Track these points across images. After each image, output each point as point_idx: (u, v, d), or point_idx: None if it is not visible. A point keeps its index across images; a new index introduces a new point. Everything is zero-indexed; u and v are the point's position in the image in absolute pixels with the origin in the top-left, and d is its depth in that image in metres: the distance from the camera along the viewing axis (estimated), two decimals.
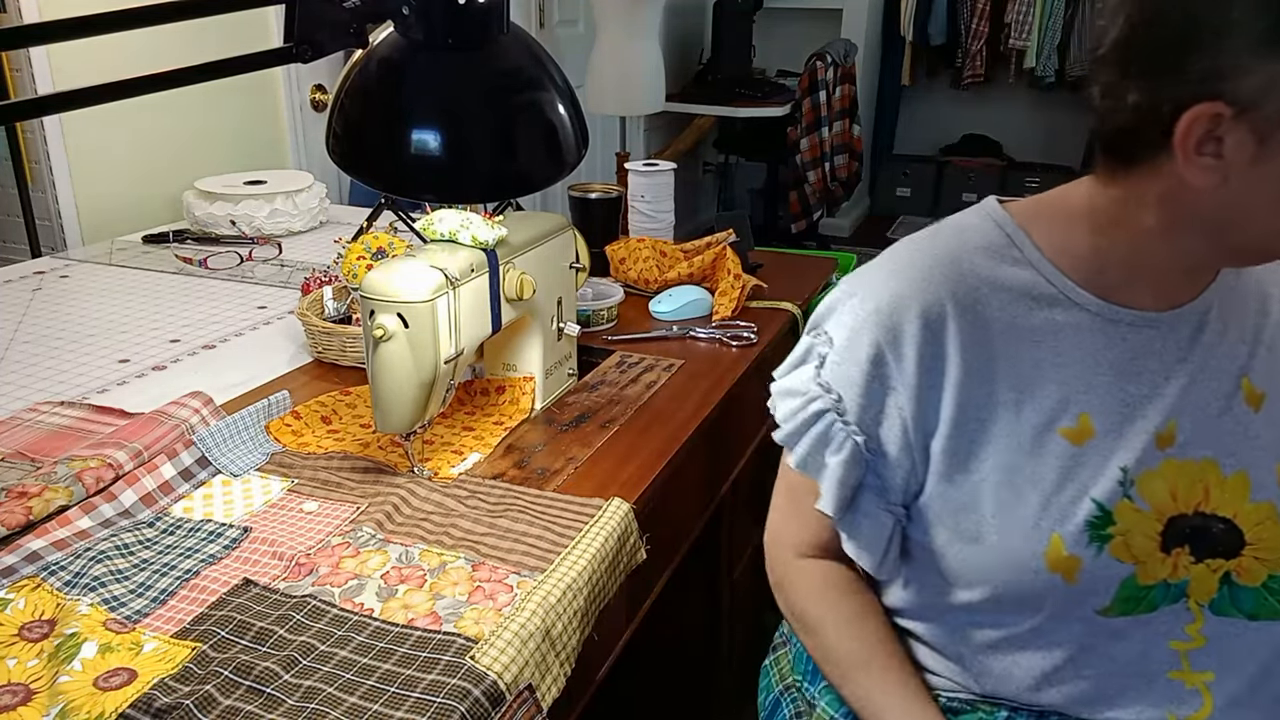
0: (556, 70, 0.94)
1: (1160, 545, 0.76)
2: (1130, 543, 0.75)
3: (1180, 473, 0.77)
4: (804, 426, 0.83)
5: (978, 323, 0.78)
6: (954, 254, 0.81)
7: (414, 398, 0.92)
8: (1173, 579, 0.76)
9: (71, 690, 0.68)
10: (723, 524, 1.39)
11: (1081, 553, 0.75)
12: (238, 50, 0.77)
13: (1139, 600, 0.77)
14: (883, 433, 0.80)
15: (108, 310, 1.46)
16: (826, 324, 0.84)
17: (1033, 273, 0.79)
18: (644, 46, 3.05)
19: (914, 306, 0.78)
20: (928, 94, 5.30)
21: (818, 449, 0.82)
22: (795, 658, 0.99)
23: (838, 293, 0.85)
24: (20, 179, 1.84)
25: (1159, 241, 0.75)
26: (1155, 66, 0.67)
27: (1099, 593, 0.76)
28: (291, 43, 0.78)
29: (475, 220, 0.98)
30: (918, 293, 0.79)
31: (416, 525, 0.89)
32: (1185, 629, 0.78)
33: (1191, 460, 0.77)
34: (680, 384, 1.21)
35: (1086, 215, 0.78)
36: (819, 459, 0.82)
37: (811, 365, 0.83)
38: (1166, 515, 0.76)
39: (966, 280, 0.79)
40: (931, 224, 0.86)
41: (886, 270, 0.82)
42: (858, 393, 0.80)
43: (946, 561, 0.81)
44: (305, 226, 1.92)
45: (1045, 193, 0.84)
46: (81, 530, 0.87)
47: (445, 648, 0.73)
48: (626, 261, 1.53)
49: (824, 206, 4.34)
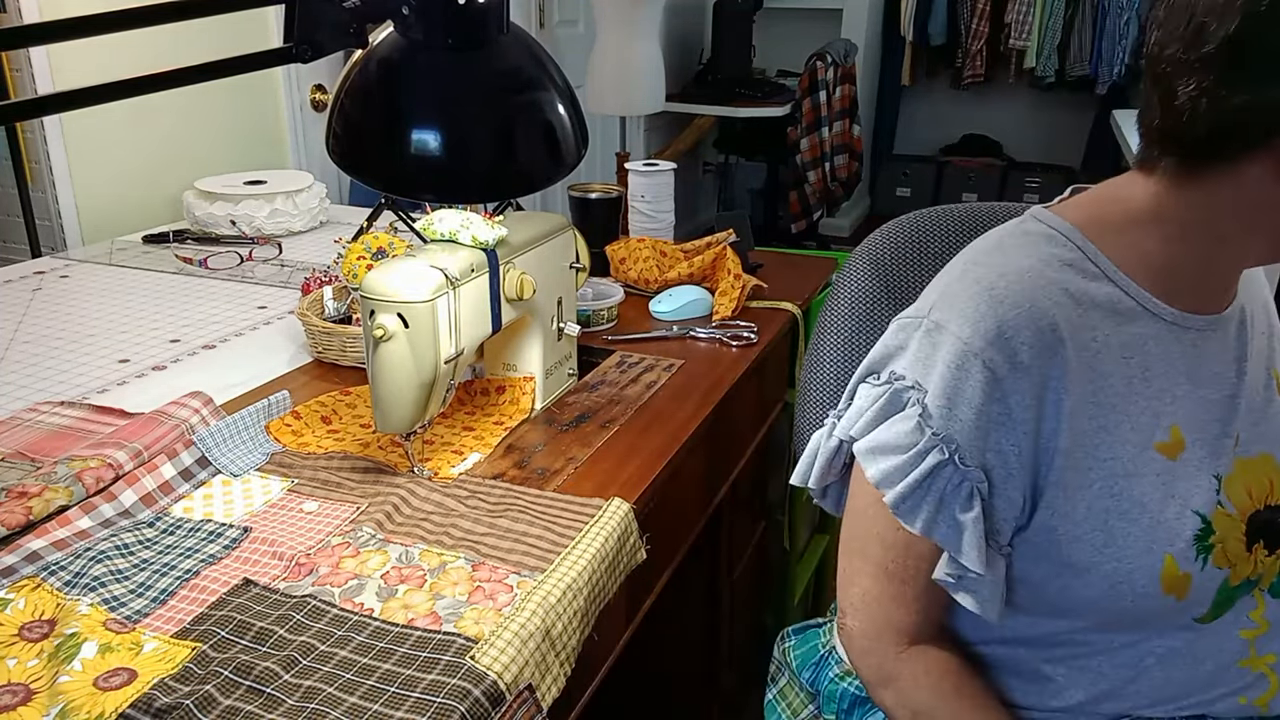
0: (556, 70, 0.94)
1: (1245, 545, 0.76)
2: (1227, 549, 0.75)
3: (1249, 470, 0.77)
4: (922, 486, 0.73)
5: (1081, 343, 0.73)
6: (1041, 271, 0.75)
7: (414, 398, 0.92)
8: (1253, 575, 0.77)
9: (71, 690, 0.68)
10: (723, 524, 1.39)
11: (1190, 568, 0.74)
12: (237, 50, 0.77)
13: (1227, 601, 0.77)
14: (995, 473, 0.73)
15: (108, 310, 1.46)
16: (896, 365, 0.77)
17: (1112, 287, 0.76)
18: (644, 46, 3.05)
19: (1026, 332, 0.72)
20: (928, 94, 5.30)
21: (946, 509, 0.73)
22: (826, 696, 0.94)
23: (900, 331, 0.78)
24: (20, 179, 1.84)
25: (1233, 246, 0.73)
26: (1276, 69, 0.64)
27: (1202, 602, 0.76)
28: (291, 43, 0.78)
29: (475, 220, 0.98)
30: (1027, 317, 0.72)
31: (416, 525, 0.89)
32: (1249, 615, 0.78)
33: (1252, 457, 0.78)
34: (680, 384, 1.21)
35: (1155, 221, 0.75)
36: (947, 520, 0.73)
37: (911, 414, 0.74)
38: (1247, 514, 0.76)
39: (1065, 298, 0.74)
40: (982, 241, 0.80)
41: (974, 295, 0.74)
42: (974, 435, 0.72)
43: (1047, 593, 0.77)
44: (305, 226, 1.92)
45: (1093, 194, 0.80)
46: (81, 530, 0.87)
47: (445, 648, 0.73)
48: (626, 261, 1.53)
49: (824, 206, 4.35)
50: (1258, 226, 0.71)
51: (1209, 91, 0.66)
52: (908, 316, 0.79)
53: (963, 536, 0.73)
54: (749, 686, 1.67)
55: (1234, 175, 0.69)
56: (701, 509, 1.25)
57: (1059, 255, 0.76)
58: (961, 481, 0.73)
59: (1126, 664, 0.78)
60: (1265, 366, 0.80)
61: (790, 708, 0.99)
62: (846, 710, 0.91)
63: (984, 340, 0.72)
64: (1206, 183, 0.71)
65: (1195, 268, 0.75)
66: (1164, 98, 0.69)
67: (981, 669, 0.84)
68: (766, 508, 1.65)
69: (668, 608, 1.14)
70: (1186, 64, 0.67)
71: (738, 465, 1.37)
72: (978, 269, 0.77)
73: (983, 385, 0.72)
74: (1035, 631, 0.80)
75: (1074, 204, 0.80)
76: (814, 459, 0.86)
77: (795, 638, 1.03)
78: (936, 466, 0.73)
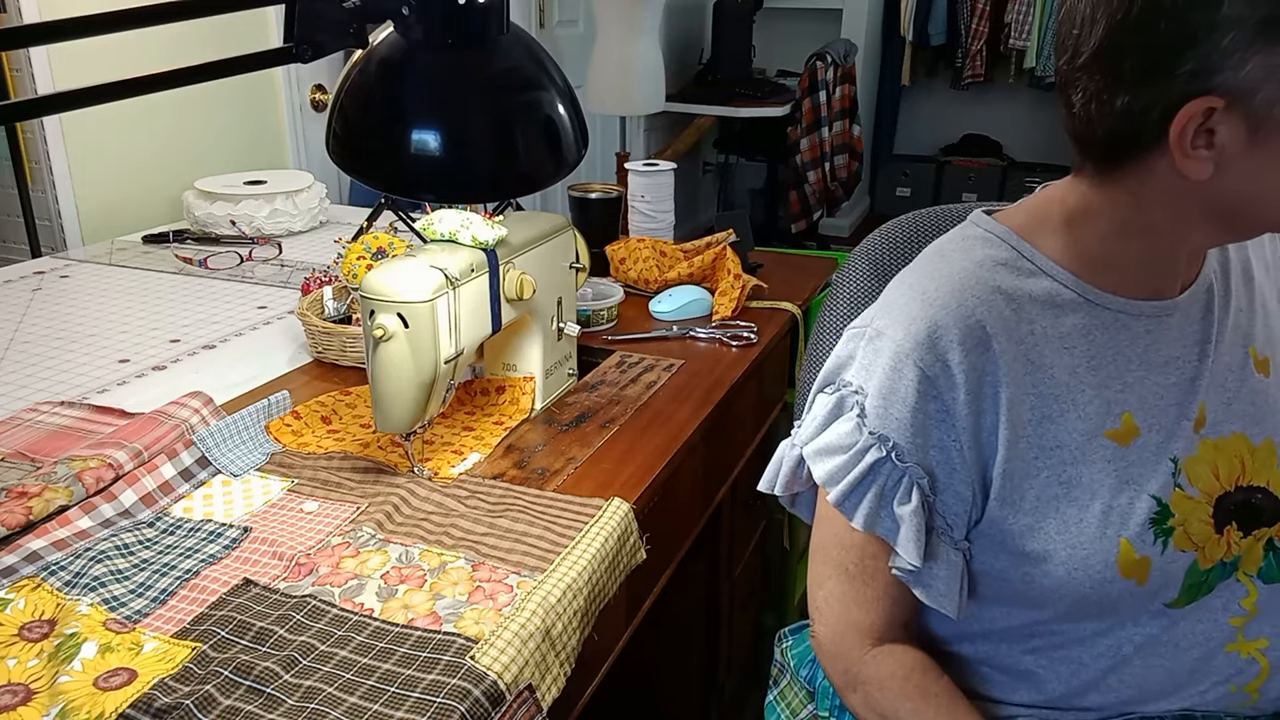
0: (556, 70, 0.94)
1: (1214, 527, 0.77)
2: (1189, 531, 0.76)
3: (1217, 452, 0.78)
4: (862, 483, 0.76)
5: (1015, 338, 0.76)
6: (973, 272, 0.79)
7: (414, 398, 0.92)
8: (1227, 558, 0.77)
9: (71, 690, 0.68)
10: (723, 524, 1.39)
11: (1149, 551, 0.75)
12: (237, 50, 0.77)
13: (1201, 585, 0.77)
14: (939, 470, 0.76)
15: (108, 310, 1.46)
16: (846, 374, 0.80)
17: (1050, 281, 0.78)
18: (644, 46, 3.05)
19: (953, 331, 0.75)
20: (928, 94, 5.30)
21: (883, 504, 0.76)
22: (821, 692, 0.95)
23: (849, 341, 0.81)
24: (20, 179, 1.84)
25: (1169, 235, 0.75)
26: (1145, 70, 0.67)
27: (1169, 586, 0.76)
28: (291, 43, 0.78)
29: (475, 220, 0.98)
30: (954, 317, 0.76)
31: (416, 525, 0.89)
32: (1240, 603, 0.78)
33: (1224, 437, 0.78)
34: (680, 384, 1.21)
35: (1089, 219, 0.77)
36: (888, 514, 0.76)
37: (850, 416, 0.78)
38: (1214, 496, 0.77)
39: (995, 297, 0.77)
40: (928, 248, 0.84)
41: (908, 301, 0.78)
42: (910, 433, 0.75)
43: (1011, 585, 0.78)
44: (305, 226, 1.92)
45: (1035, 198, 0.84)
46: (81, 530, 0.87)
47: (445, 648, 0.73)
48: (626, 261, 1.53)
49: (824, 206, 4.35)
50: (1185, 215, 0.73)
51: (1095, 97, 0.70)
52: (856, 326, 0.83)
53: (900, 530, 0.75)
54: (749, 686, 1.67)
55: (1146, 170, 0.72)
56: (701, 509, 1.25)
57: (993, 256, 0.80)
58: (901, 477, 0.75)
59: (1104, 653, 0.79)
60: (1243, 345, 0.81)
61: (790, 708, 0.99)
62: (840, 706, 0.92)
63: (914, 342, 0.76)
64: (1126, 179, 0.73)
65: (1137, 259, 0.77)
66: (1066, 105, 0.74)
67: (963, 666, 0.85)
68: (766, 508, 1.65)
69: (668, 608, 1.14)
70: (1073, 73, 0.71)
71: (738, 465, 1.37)
72: (914, 275, 0.81)
73: (916, 385, 0.75)
74: (1010, 623, 0.81)
75: (1016, 208, 0.84)
76: (779, 466, 0.88)
77: (793, 637, 1.03)
78: (875, 464, 0.76)
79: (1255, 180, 0.69)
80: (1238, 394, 0.79)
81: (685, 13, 4.57)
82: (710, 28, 4.43)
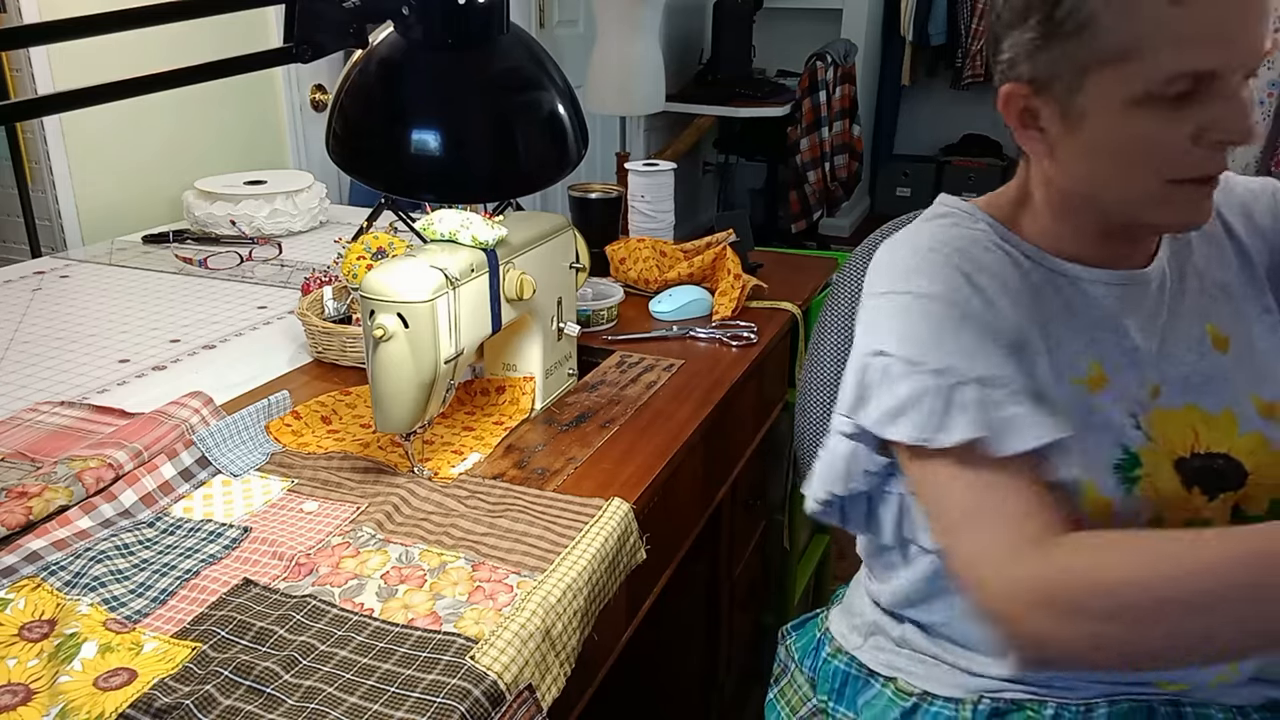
0: (556, 70, 0.94)
1: (1183, 485, 0.77)
2: (1157, 483, 0.76)
3: (1171, 421, 0.79)
4: (945, 402, 0.73)
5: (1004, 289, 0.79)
6: (945, 231, 0.83)
7: (414, 398, 0.92)
8: (1195, 520, 0.77)
9: (71, 690, 0.68)
10: (723, 524, 1.39)
11: (1112, 495, 0.75)
12: (237, 50, 0.77)
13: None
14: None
15: (108, 310, 1.46)
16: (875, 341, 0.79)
17: (1018, 253, 0.83)
18: (644, 46, 3.05)
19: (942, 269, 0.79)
20: (928, 94, 5.30)
21: (984, 411, 0.72)
22: (820, 677, 0.96)
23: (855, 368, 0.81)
24: (20, 179, 1.84)
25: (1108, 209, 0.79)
26: (992, 59, 0.80)
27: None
28: (291, 43, 0.78)
29: (475, 220, 0.98)
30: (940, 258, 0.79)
31: (416, 525, 0.89)
32: None
33: (1177, 409, 0.79)
34: (680, 384, 1.21)
35: (1041, 200, 0.83)
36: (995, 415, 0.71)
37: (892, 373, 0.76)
38: (1174, 458, 0.78)
39: (980, 258, 0.81)
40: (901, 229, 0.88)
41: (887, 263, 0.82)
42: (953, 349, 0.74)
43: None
44: (305, 226, 1.92)
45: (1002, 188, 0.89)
46: (81, 530, 0.87)
47: (445, 648, 0.73)
48: (626, 261, 1.53)
49: (824, 206, 4.35)
50: (1063, 198, 0.80)
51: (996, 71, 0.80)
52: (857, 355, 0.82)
53: (1013, 421, 0.71)
54: (749, 686, 1.67)
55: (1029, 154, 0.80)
56: (701, 509, 1.25)
57: (964, 223, 0.85)
58: (970, 385, 0.73)
59: None
60: (1200, 322, 0.82)
61: (790, 706, 0.99)
62: (839, 689, 0.92)
63: (905, 283, 0.79)
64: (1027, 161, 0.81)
65: (1091, 231, 0.81)
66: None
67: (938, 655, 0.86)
68: (766, 508, 1.65)
69: (668, 608, 1.14)
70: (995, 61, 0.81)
71: (738, 465, 1.37)
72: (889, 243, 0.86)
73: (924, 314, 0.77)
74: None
75: (984, 196, 0.89)
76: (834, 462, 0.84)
77: (795, 633, 1.04)
78: (951, 386, 0.73)
79: (1080, 163, 0.76)
80: (1195, 368, 0.81)
81: (685, 13, 4.57)
82: (710, 28, 4.43)
